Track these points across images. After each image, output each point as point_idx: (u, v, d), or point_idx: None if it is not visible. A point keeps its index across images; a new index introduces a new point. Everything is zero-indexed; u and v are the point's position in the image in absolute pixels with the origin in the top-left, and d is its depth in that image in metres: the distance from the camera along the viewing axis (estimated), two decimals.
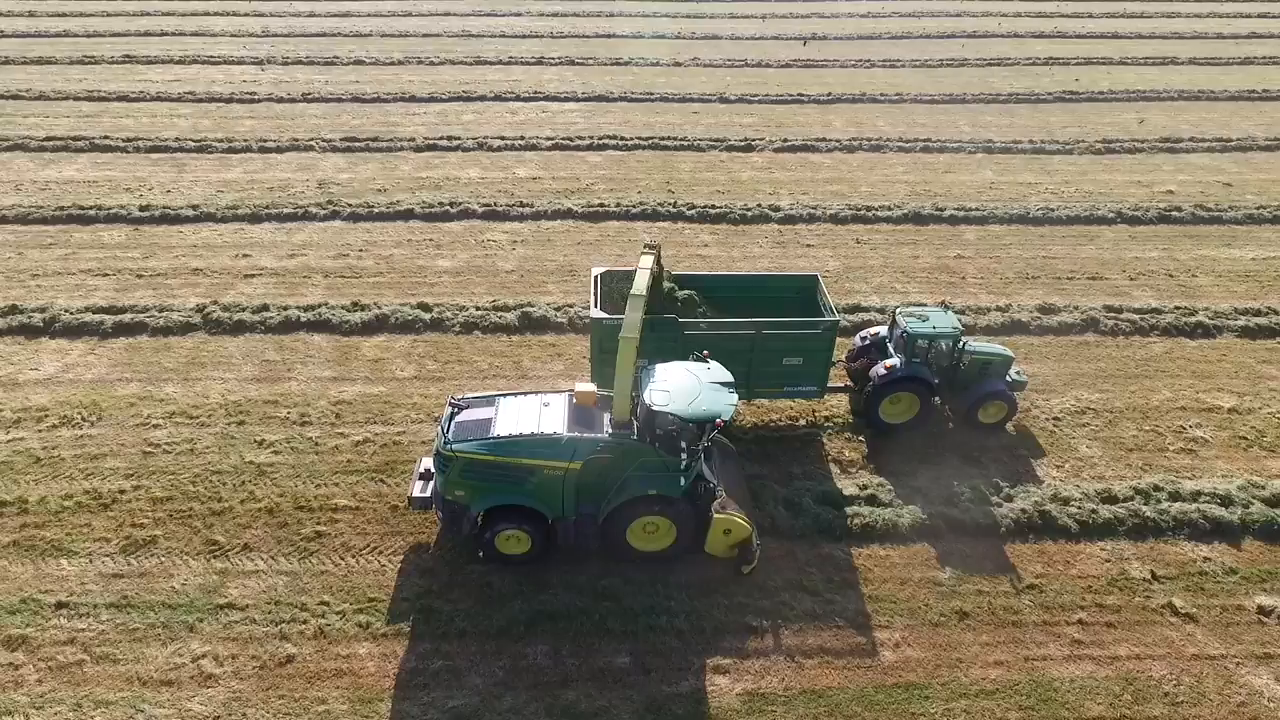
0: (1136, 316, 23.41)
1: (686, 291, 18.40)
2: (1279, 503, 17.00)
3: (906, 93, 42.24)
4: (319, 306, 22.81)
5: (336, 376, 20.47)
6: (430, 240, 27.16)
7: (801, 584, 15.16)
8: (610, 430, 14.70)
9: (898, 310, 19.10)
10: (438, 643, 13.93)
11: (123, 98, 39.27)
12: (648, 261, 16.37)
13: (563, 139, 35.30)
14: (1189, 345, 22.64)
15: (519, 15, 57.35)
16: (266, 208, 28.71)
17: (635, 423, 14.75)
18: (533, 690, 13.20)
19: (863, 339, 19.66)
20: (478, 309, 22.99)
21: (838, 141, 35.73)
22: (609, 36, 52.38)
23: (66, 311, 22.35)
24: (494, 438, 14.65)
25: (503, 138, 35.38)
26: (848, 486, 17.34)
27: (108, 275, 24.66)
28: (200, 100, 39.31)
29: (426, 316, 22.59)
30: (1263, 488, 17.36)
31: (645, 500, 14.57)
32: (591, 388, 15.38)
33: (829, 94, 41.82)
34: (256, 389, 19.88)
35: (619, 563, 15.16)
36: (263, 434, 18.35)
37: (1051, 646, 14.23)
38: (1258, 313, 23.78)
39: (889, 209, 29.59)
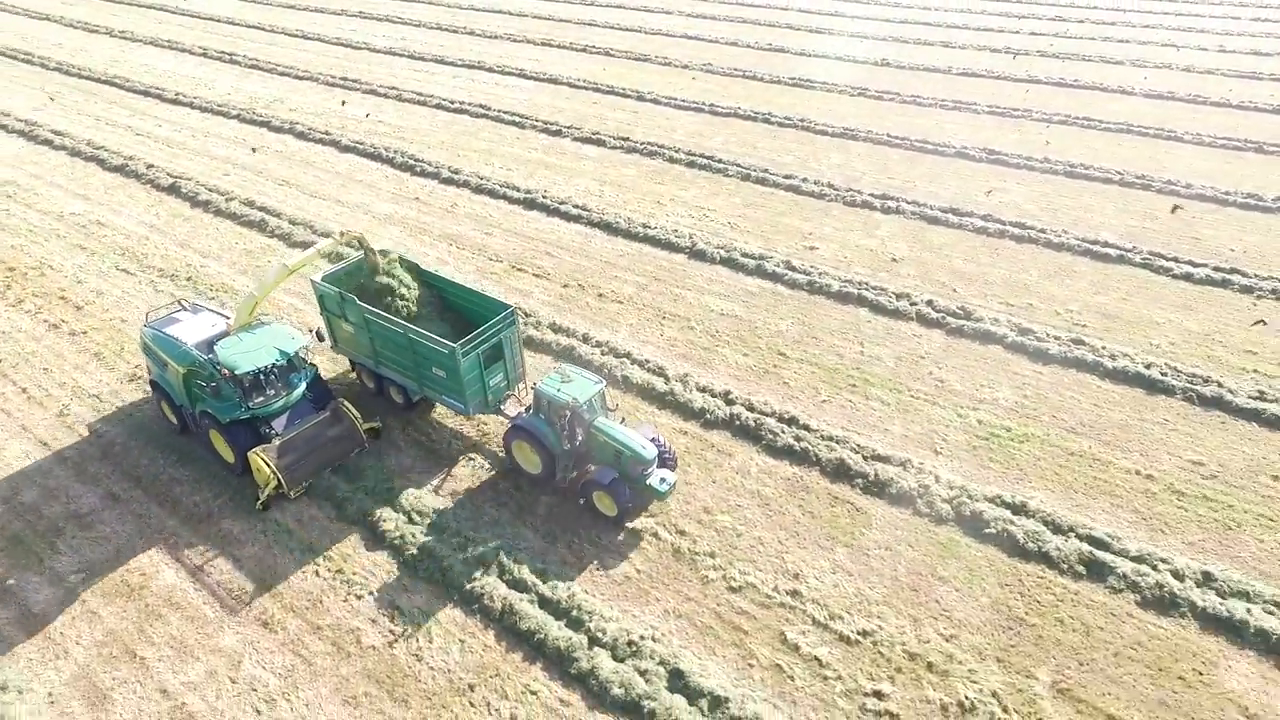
0: None
1: (393, 282, 19.76)
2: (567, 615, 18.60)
3: (814, 122, 41.89)
4: (154, 167, 36.94)
5: (84, 201, 35.20)
6: (244, 140, 40.06)
7: (256, 530, 17.54)
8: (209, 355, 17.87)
9: (556, 365, 19.83)
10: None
11: (304, 36, 59.03)
12: (323, 244, 18.73)
13: (448, 100, 44.71)
14: None
15: (669, 14, 65.16)
16: (223, 106, 44.40)
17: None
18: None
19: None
20: (195, 182, 35.25)
21: (641, 144, 38.97)
22: (685, 37, 57.97)
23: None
24: (160, 331, 18.68)
25: (429, 95, 45.79)
26: (419, 498, 18.20)
27: (115, 126, 42.60)
28: (340, 45, 56.97)
29: (168, 183, 35.58)
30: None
31: (205, 414, 17.96)
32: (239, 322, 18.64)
33: (735, 108, 43.67)
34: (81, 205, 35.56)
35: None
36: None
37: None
38: (638, 362, 22.97)
39: (558, 202, 33.80)
